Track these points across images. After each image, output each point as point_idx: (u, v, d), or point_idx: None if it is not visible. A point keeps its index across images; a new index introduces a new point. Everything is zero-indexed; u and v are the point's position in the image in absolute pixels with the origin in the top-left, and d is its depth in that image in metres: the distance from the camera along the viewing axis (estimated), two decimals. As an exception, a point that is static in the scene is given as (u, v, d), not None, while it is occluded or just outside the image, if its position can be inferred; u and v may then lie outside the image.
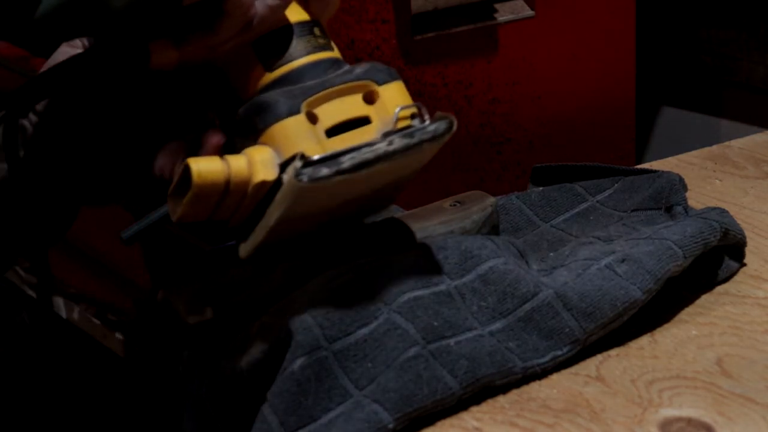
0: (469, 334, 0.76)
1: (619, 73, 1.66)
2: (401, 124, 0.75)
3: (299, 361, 0.72)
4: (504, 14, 1.51)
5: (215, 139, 0.78)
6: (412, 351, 0.73)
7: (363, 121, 0.75)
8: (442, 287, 0.78)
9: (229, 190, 0.72)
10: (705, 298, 0.86)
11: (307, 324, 0.73)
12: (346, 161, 0.71)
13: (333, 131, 0.74)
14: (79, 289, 1.74)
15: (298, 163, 0.71)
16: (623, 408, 0.73)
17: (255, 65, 0.77)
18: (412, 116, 0.76)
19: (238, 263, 0.80)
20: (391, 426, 0.70)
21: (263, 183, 0.73)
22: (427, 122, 0.74)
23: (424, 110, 0.75)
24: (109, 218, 0.95)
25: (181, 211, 0.73)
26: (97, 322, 1.66)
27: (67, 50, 0.83)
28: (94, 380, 1.71)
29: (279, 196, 0.73)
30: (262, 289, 0.80)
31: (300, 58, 0.77)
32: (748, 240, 0.89)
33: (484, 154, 1.51)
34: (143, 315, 0.85)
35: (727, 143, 1.16)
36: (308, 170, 0.71)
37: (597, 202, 0.95)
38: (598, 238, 0.87)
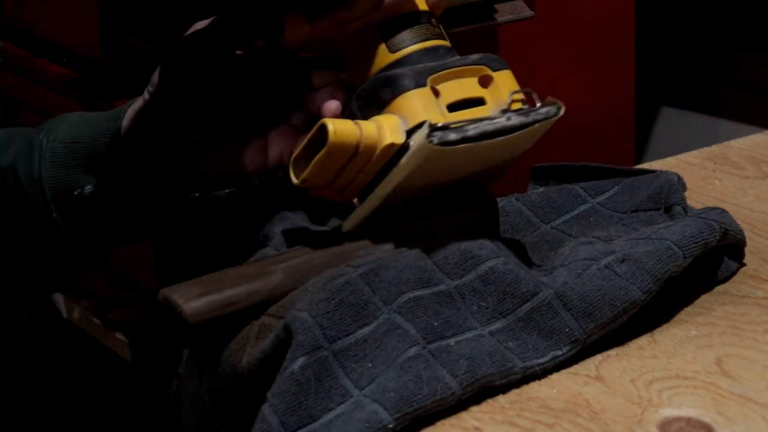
0: (469, 334, 0.76)
1: (619, 73, 1.66)
2: (514, 107, 0.81)
3: (299, 361, 0.72)
4: (504, 14, 1.51)
5: (334, 104, 0.82)
6: (412, 351, 0.73)
7: (479, 101, 0.81)
8: (442, 287, 0.78)
9: (358, 151, 0.77)
10: (705, 298, 0.86)
11: (307, 324, 0.73)
12: (471, 130, 0.76)
13: (452, 108, 0.80)
14: (79, 289, 1.74)
15: (426, 129, 0.75)
16: (623, 408, 0.73)
17: (378, 46, 0.82)
18: (523, 101, 0.82)
19: (238, 263, 0.80)
20: (391, 426, 0.70)
21: (392, 146, 0.77)
22: (539, 105, 0.81)
23: (535, 96, 0.81)
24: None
25: (310, 170, 0.77)
26: (98, 322, 1.66)
27: (197, 26, 0.84)
28: (94, 380, 1.71)
29: (406, 158, 0.77)
30: (262, 289, 0.80)
31: (420, 42, 0.82)
32: (747, 240, 0.89)
33: (484, 154, 1.51)
34: (148, 315, 0.86)
35: (726, 143, 1.16)
36: (438, 133, 0.75)
37: (597, 203, 0.95)
38: (598, 238, 0.87)
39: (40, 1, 1.82)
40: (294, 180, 0.78)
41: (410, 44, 0.82)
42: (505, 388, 0.75)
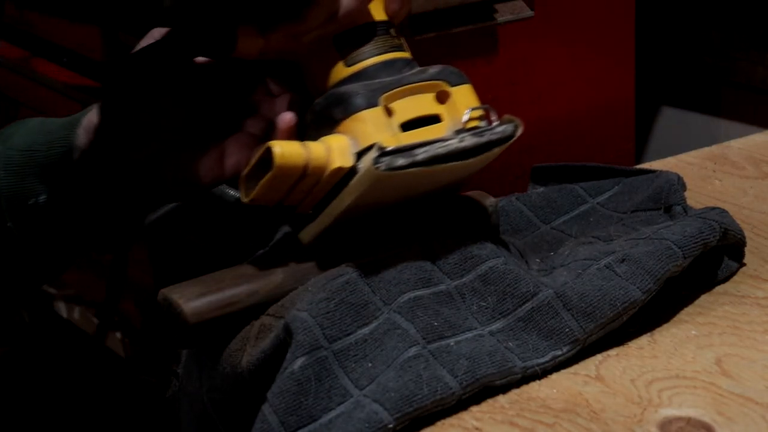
0: (469, 334, 0.76)
1: (619, 73, 1.66)
2: (471, 125, 0.78)
3: (299, 361, 0.72)
4: (504, 14, 1.51)
5: (287, 117, 0.80)
6: (412, 351, 0.73)
7: (434, 119, 0.79)
8: (442, 287, 0.78)
9: (306, 173, 0.75)
10: (704, 298, 0.86)
11: (307, 324, 0.73)
12: (421, 154, 0.75)
13: (406, 126, 0.77)
14: (79, 289, 1.74)
15: (375, 152, 0.74)
16: (623, 408, 0.73)
17: (334, 59, 0.80)
18: (481, 118, 0.79)
19: (238, 263, 0.80)
20: (391, 426, 0.70)
21: (340, 169, 0.76)
22: (496, 124, 0.78)
23: (492, 112, 0.79)
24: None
25: (257, 192, 0.75)
26: (98, 321, 1.66)
27: (155, 35, 0.84)
28: (93, 380, 1.71)
29: (354, 182, 0.75)
30: (262, 289, 0.80)
31: (377, 56, 0.80)
32: (747, 240, 0.89)
33: (484, 154, 1.51)
34: (147, 315, 0.86)
35: (726, 143, 1.16)
36: (386, 159, 0.74)
37: (597, 203, 0.95)
38: (598, 238, 0.87)
39: (40, 1, 1.82)
40: (243, 198, 0.77)
41: (366, 58, 0.80)
42: (505, 388, 0.75)
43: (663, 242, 0.82)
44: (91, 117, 0.84)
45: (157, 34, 0.83)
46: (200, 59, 0.84)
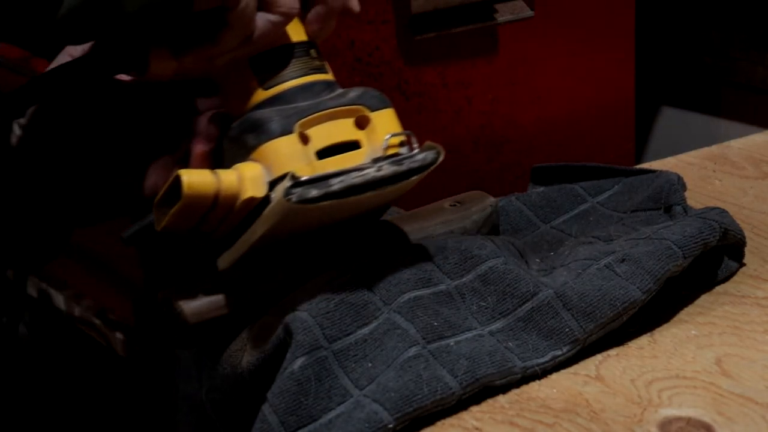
0: (469, 334, 0.76)
1: (619, 73, 1.66)
2: (390, 151, 0.76)
3: (299, 361, 0.72)
4: (504, 14, 1.51)
5: (199, 147, 0.78)
6: (412, 351, 0.73)
7: (353, 145, 0.76)
8: (442, 287, 0.78)
9: (217, 203, 0.73)
10: (705, 298, 0.86)
11: (307, 324, 0.73)
12: (336, 184, 0.72)
13: (323, 153, 0.75)
14: (79, 289, 1.74)
15: (288, 183, 0.71)
16: (623, 408, 0.73)
17: (251, 82, 0.77)
18: (401, 144, 0.77)
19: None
20: (391, 426, 0.70)
21: (252, 199, 0.74)
22: (416, 151, 0.75)
23: (413, 139, 0.76)
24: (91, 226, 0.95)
25: (167, 221, 0.74)
26: (98, 321, 1.66)
27: (65, 57, 0.83)
28: (93, 380, 1.71)
29: (266, 213, 0.73)
30: (262, 289, 0.80)
31: (295, 79, 0.77)
32: (747, 240, 0.89)
33: (484, 154, 1.51)
34: (141, 315, 0.86)
35: (726, 143, 1.16)
36: (298, 190, 0.71)
37: (597, 203, 0.95)
38: (598, 238, 0.87)
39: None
40: (156, 226, 0.75)
41: (283, 81, 0.77)
42: (505, 388, 0.75)
43: (663, 242, 0.82)
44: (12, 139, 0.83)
45: (73, 50, 0.82)
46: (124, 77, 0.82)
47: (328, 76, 0.79)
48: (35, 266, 0.90)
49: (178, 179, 0.72)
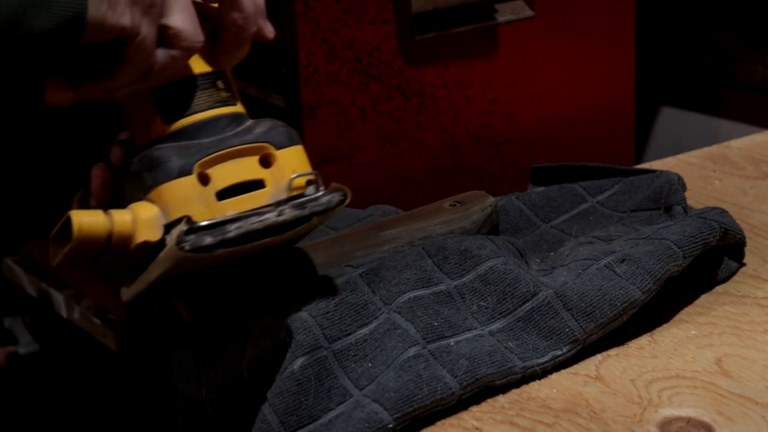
0: (469, 334, 0.76)
1: (619, 73, 1.65)
2: (295, 192, 0.74)
3: (299, 361, 0.72)
4: (504, 14, 1.50)
5: (98, 175, 0.76)
6: (412, 351, 0.73)
7: (257, 184, 0.73)
8: (442, 287, 0.78)
9: (110, 244, 0.71)
10: (705, 298, 0.86)
11: (307, 324, 0.73)
12: (233, 230, 0.70)
13: (225, 193, 0.72)
14: (79, 290, 1.73)
15: (183, 228, 0.70)
16: (623, 408, 0.73)
17: (153, 115, 0.75)
18: (308, 182, 0.74)
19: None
20: (391, 426, 0.70)
21: (146, 243, 0.72)
22: (321, 192, 0.73)
23: (320, 179, 0.74)
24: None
25: (60, 259, 0.72)
26: (98, 321, 1.66)
27: None
28: (93, 380, 1.70)
29: (160, 258, 0.72)
30: (262, 290, 0.80)
31: (199, 113, 0.75)
32: (747, 240, 0.89)
33: (484, 154, 1.51)
34: (135, 315, 0.85)
35: (726, 143, 1.16)
36: (191, 238, 0.70)
37: (597, 202, 0.95)
38: (598, 238, 0.87)
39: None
40: (51, 261, 0.73)
41: (185, 116, 0.74)
42: (505, 388, 0.75)
43: (663, 242, 0.82)
44: None
45: None
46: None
47: (236, 109, 0.76)
48: None
49: (68, 220, 0.70)
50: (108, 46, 0.71)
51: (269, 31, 0.77)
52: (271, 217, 0.71)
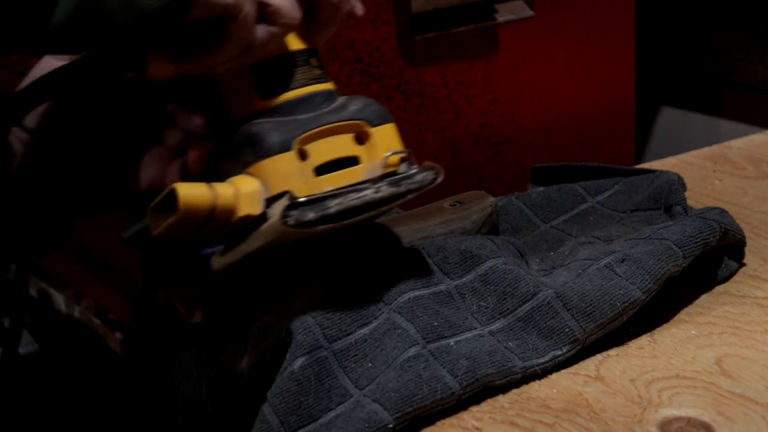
0: (469, 334, 0.76)
1: (619, 73, 1.66)
2: (389, 169, 0.75)
3: (299, 361, 0.72)
4: (504, 14, 1.51)
5: (196, 151, 0.78)
6: (412, 351, 0.73)
7: (352, 161, 0.75)
8: (442, 287, 0.78)
9: (213, 217, 0.72)
10: (705, 298, 0.86)
11: (307, 324, 0.73)
12: (333, 206, 0.72)
13: (322, 169, 0.74)
14: (79, 290, 1.74)
15: (285, 202, 0.71)
16: (623, 408, 0.73)
17: (250, 90, 0.76)
18: (401, 160, 0.76)
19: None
20: (391, 426, 0.70)
21: (248, 216, 0.73)
22: (415, 170, 0.75)
23: (412, 157, 0.76)
24: (108, 218, 0.95)
25: (162, 230, 0.73)
26: (98, 321, 1.66)
27: (51, 62, 0.82)
28: (93, 380, 1.71)
29: (262, 230, 0.73)
30: (262, 289, 0.80)
31: (295, 90, 0.76)
32: (747, 240, 0.90)
33: (484, 154, 1.51)
34: (140, 314, 0.86)
35: (726, 143, 1.16)
36: (295, 213, 0.71)
37: (597, 202, 0.95)
38: (598, 238, 0.87)
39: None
40: (151, 231, 0.74)
41: (283, 92, 0.76)
42: (505, 388, 0.75)
43: (663, 242, 0.82)
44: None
45: (45, 64, 0.82)
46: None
47: (328, 86, 0.78)
48: (36, 257, 0.89)
49: (173, 192, 0.71)
50: (211, 23, 0.73)
51: (359, 8, 0.79)
52: (369, 193, 0.73)
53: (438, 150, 1.45)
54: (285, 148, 0.73)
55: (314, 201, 0.72)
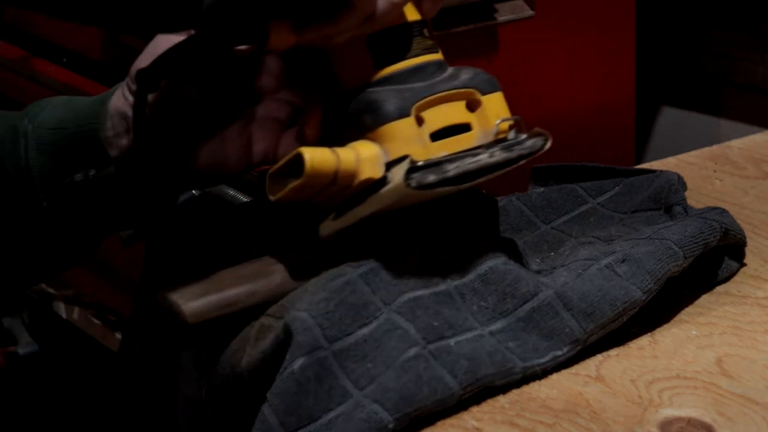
0: (469, 334, 0.76)
1: (619, 73, 1.65)
2: (500, 136, 0.78)
3: (299, 361, 0.72)
4: (504, 14, 1.50)
5: (314, 118, 0.80)
6: (412, 351, 0.73)
7: (464, 128, 0.78)
8: (442, 287, 0.78)
9: (335, 181, 0.75)
10: (705, 298, 0.86)
11: (307, 324, 0.73)
12: (452, 170, 0.74)
13: (436, 136, 0.77)
14: (79, 290, 1.74)
15: (406, 166, 0.73)
16: (623, 408, 0.73)
17: (366, 60, 0.79)
18: (510, 127, 0.79)
19: (237, 263, 0.80)
20: (391, 426, 0.70)
21: (369, 180, 0.75)
22: (525, 137, 0.78)
23: (522, 124, 0.79)
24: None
25: (285, 194, 0.75)
26: (98, 322, 1.66)
27: (171, 37, 0.83)
28: (93, 380, 1.71)
29: (382, 193, 0.75)
30: (262, 289, 0.80)
31: (410, 59, 0.79)
32: (748, 240, 0.89)
33: (484, 154, 1.51)
34: (138, 313, 0.85)
35: (727, 143, 1.16)
36: (416, 175, 0.73)
37: (597, 203, 0.95)
38: (598, 238, 0.87)
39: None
40: (269, 196, 0.77)
41: (398, 61, 0.78)
42: (505, 388, 0.75)
43: (663, 242, 0.82)
44: (116, 102, 0.84)
45: (163, 41, 0.83)
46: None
47: (439, 56, 0.80)
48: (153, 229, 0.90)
49: (300, 157, 0.73)
50: None
51: None
52: (484, 158, 0.76)
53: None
54: (404, 114, 0.76)
55: (433, 164, 0.74)
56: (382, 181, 0.75)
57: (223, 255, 0.87)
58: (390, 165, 0.75)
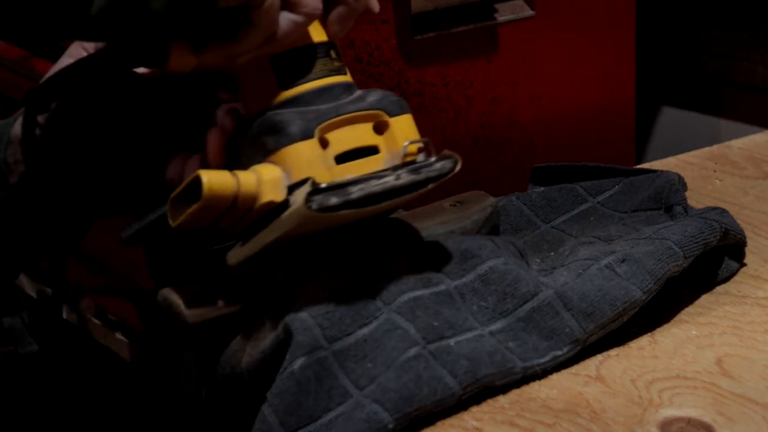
0: (469, 334, 0.76)
1: (619, 73, 1.66)
2: (408, 158, 0.76)
3: (299, 361, 0.72)
4: (504, 14, 1.51)
5: (215, 141, 0.78)
6: (412, 351, 0.73)
7: (371, 150, 0.76)
8: (442, 287, 0.78)
9: (235, 204, 0.73)
10: (705, 298, 0.86)
11: (307, 324, 0.73)
12: (355, 192, 0.72)
13: (342, 158, 0.75)
14: (79, 289, 1.74)
15: (308, 188, 0.72)
16: (623, 408, 0.73)
17: (270, 81, 0.77)
18: (419, 150, 0.77)
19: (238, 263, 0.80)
20: (391, 426, 0.70)
21: (270, 203, 0.73)
22: (433, 159, 0.76)
23: (431, 146, 0.77)
24: (108, 218, 0.95)
25: (183, 218, 0.73)
26: (98, 322, 1.66)
27: (79, 50, 0.83)
28: (93, 380, 1.71)
29: (284, 217, 0.73)
30: (262, 289, 0.80)
31: (315, 80, 0.77)
32: (748, 240, 0.89)
33: (484, 154, 1.51)
34: (146, 315, 0.85)
35: (727, 143, 1.16)
36: (318, 197, 0.72)
37: (597, 203, 0.95)
38: (598, 238, 0.87)
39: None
40: (170, 222, 0.75)
41: (304, 82, 0.77)
42: (505, 388, 0.75)
43: (664, 242, 0.82)
44: (16, 128, 0.83)
45: (74, 52, 0.83)
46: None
47: (347, 78, 0.79)
48: (55, 257, 0.89)
49: (198, 179, 0.72)
50: (235, 11, 0.73)
51: (375, 5, 0.80)
52: (390, 180, 0.74)
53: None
54: (307, 135, 0.74)
55: (336, 187, 0.73)
56: (285, 205, 0.74)
57: (222, 255, 0.87)
58: (293, 188, 0.73)
